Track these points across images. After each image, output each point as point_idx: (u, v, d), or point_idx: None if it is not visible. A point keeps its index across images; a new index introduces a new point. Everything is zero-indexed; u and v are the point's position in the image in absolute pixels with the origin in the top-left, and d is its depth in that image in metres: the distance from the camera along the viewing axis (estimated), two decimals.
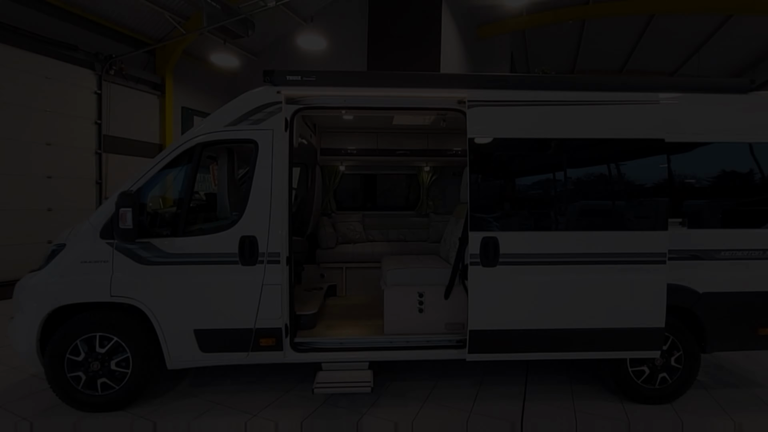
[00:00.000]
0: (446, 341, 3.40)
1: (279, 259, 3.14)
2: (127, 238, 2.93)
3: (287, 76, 3.22)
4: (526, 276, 3.12)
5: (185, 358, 3.18)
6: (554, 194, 3.25)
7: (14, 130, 7.52)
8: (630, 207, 3.21)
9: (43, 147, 8.04)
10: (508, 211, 3.20)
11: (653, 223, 3.14)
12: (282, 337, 3.17)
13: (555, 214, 3.23)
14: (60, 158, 8.29)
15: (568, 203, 3.20)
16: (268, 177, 3.14)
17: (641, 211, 3.18)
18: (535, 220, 3.25)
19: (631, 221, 3.18)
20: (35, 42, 7.74)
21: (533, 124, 3.16)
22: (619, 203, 3.22)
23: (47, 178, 8.12)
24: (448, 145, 5.40)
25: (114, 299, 3.08)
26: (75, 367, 3.10)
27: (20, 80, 7.60)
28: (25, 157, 7.69)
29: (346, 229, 5.62)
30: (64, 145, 8.37)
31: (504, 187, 3.25)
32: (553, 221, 3.23)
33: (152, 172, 3.17)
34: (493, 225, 3.15)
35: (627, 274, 3.11)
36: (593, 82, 3.26)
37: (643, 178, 3.21)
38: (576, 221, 3.20)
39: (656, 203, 3.15)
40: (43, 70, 7.96)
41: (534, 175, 3.29)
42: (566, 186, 3.20)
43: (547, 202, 3.27)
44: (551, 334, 3.16)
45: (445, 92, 3.29)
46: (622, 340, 3.17)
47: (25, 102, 7.68)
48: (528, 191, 3.32)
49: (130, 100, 9.67)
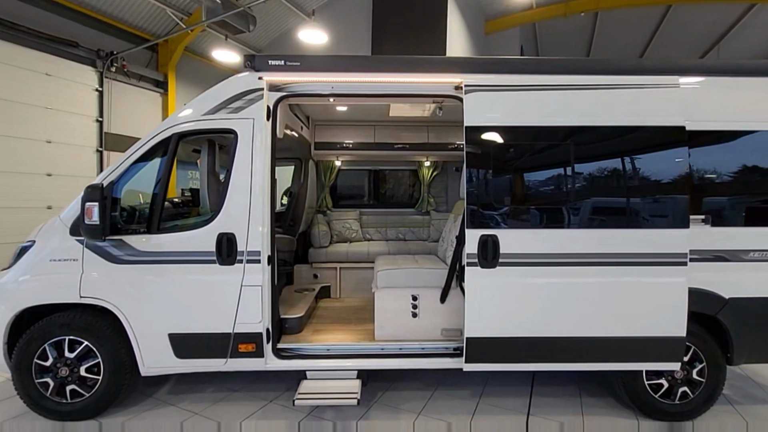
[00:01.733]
0: (442, 349, 3.13)
1: (259, 259, 2.90)
2: (94, 234, 2.72)
3: (269, 60, 2.98)
4: (530, 278, 2.83)
5: (159, 365, 2.97)
6: (561, 188, 2.93)
7: (14, 128, 7.45)
8: (646, 202, 2.89)
9: (43, 145, 7.97)
10: (509, 206, 2.90)
11: (672, 220, 2.81)
12: (263, 343, 2.93)
13: (561, 209, 2.92)
14: (60, 156, 8.22)
15: (576, 198, 2.88)
16: (247, 170, 2.91)
17: (659, 207, 2.86)
18: (540, 216, 2.94)
19: (648, 218, 2.86)
20: (35, 39, 7.68)
21: (537, 110, 2.86)
22: (633, 198, 2.89)
23: (47, 176, 8.06)
24: (450, 139, 5.10)
25: (84, 300, 2.88)
26: (43, 372, 2.91)
27: (20, 77, 7.53)
28: (24, 155, 7.63)
29: (341, 227, 5.37)
30: (64, 142, 8.31)
31: (504, 181, 2.96)
32: (559, 218, 2.92)
33: (125, 164, 2.96)
34: (492, 222, 2.86)
35: (643, 276, 2.79)
36: (603, 65, 2.94)
37: (661, 170, 2.88)
38: (585, 218, 2.88)
39: (676, 198, 2.83)
40: (43, 67, 7.89)
41: (538, 167, 2.98)
42: (574, 179, 2.88)
43: (552, 196, 2.96)
44: (558, 343, 2.86)
45: (440, 77, 3.02)
46: (637, 351, 2.85)
47: (25, 99, 7.61)
48: (531, 185, 3.01)
49: (132, 98, 9.59)
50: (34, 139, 7.81)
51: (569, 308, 2.83)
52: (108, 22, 8.88)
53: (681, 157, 2.83)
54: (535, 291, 2.83)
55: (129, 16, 9.13)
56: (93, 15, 8.60)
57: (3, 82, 7.28)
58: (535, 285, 2.83)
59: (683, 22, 12.35)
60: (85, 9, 8.40)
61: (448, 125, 5.00)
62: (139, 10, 9.05)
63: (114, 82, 9.15)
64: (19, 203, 7.54)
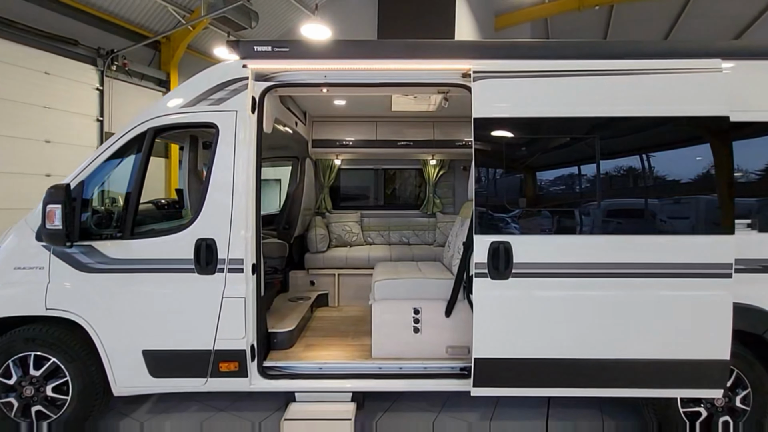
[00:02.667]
0: (447, 369, 2.79)
1: (242, 267, 2.60)
2: (56, 240, 2.45)
3: (255, 46, 2.67)
4: (547, 291, 2.47)
5: (133, 384, 2.68)
6: (584, 189, 2.56)
7: (13, 127, 7.31)
8: (685, 205, 2.50)
9: (42, 145, 7.83)
10: (524, 209, 2.55)
11: (714, 225, 2.43)
12: (246, 361, 2.63)
13: (585, 213, 2.55)
14: (60, 156, 8.07)
15: (601, 200, 2.51)
16: (229, 168, 2.61)
17: (698, 210, 2.48)
18: (559, 221, 2.57)
19: (686, 223, 2.48)
20: (34, 37, 7.53)
21: (557, 99, 2.50)
22: (669, 200, 2.51)
23: (46, 177, 7.91)
24: (458, 135, 4.75)
25: (50, 313, 2.61)
26: (7, 391, 2.65)
27: (19, 76, 7.39)
28: (24, 155, 7.49)
29: (341, 230, 5.05)
30: (64, 142, 8.16)
31: (519, 180, 2.60)
32: (582, 223, 2.55)
33: (96, 162, 2.68)
34: (504, 227, 2.51)
35: (682, 290, 2.41)
36: (635, 48, 2.57)
37: (702, 168, 2.50)
38: (612, 223, 2.52)
39: (718, 200, 2.45)
40: (42, 65, 7.76)
41: (558, 165, 2.61)
42: (599, 178, 2.51)
43: (574, 198, 2.59)
44: (579, 366, 2.49)
45: (445, 63, 2.68)
46: (673, 376, 2.47)
47: (24, 98, 7.48)
48: (550, 185, 2.64)
49: (133, 97, 9.41)
50: (33, 139, 7.67)
51: (594, 326, 2.46)
52: (109, 19, 8.72)
53: (725, 152, 2.44)
54: (554, 306, 2.47)
55: (131, 14, 8.97)
56: (94, 13, 8.44)
57: (2, 81, 7.14)
58: (553, 299, 2.47)
59: (703, 16, 11.78)
60: (85, 6, 8.24)
61: (455, 120, 4.65)
62: (140, 7, 8.88)
63: (115, 80, 8.99)
64: (17, 204, 7.38)
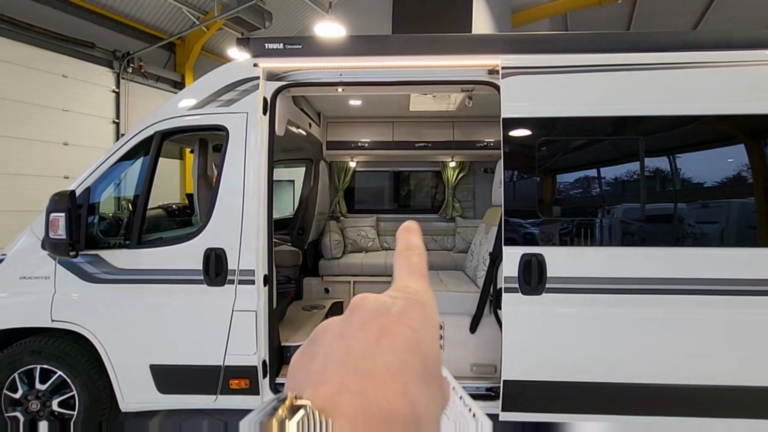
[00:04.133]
0: (472, 389, 2.58)
1: (253, 279, 2.44)
2: (59, 250, 2.33)
3: (266, 44, 2.52)
4: (585, 308, 2.24)
5: (141, 400, 2.56)
6: (628, 195, 2.32)
7: (32, 130, 7.40)
8: (755, 211, 2.23)
9: (60, 147, 7.91)
10: (558, 218, 2.32)
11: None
12: (258, 378, 2.48)
13: (630, 223, 2.31)
14: (77, 158, 8.14)
15: (648, 208, 2.27)
16: (239, 173, 2.46)
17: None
18: (599, 231, 2.33)
19: (757, 232, 2.21)
20: (52, 40, 7.60)
21: (597, 96, 2.27)
22: (733, 205, 2.24)
23: (64, 179, 7.98)
24: (479, 136, 4.51)
25: (56, 324, 2.50)
26: (13, 405, 2.56)
27: (38, 79, 7.47)
28: (42, 157, 7.57)
29: (356, 235, 4.87)
30: (81, 144, 8.23)
31: (553, 186, 2.38)
32: (627, 233, 2.31)
33: (102, 168, 2.57)
34: (536, 238, 2.29)
35: (758, 309, 2.15)
36: (684, 39, 2.32)
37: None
38: (666, 233, 2.27)
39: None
40: (60, 68, 7.83)
41: (597, 169, 2.38)
42: (646, 183, 2.27)
43: (616, 206, 2.34)
44: (621, 391, 2.26)
45: (470, 59, 2.47)
46: (753, 404, 2.20)
47: (43, 101, 7.56)
48: (588, 191, 2.40)
49: (149, 99, 9.45)
50: (52, 142, 7.75)
51: (644, 347, 2.22)
52: (125, 22, 8.76)
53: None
54: (593, 325, 2.25)
55: (145, 16, 9.00)
56: (109, 15, 8.48)
57: (21, 84, 7.22)
58: (592, 317, 2.24)
59: (732, 8, 11.22)
60: (101, 9, 8.29)
61: (476, 120, 4.43)
62: (155, 9, 8.90)
63: (131, 83, 9.04)
64: (36, 206, 7.45)
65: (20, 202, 7.26)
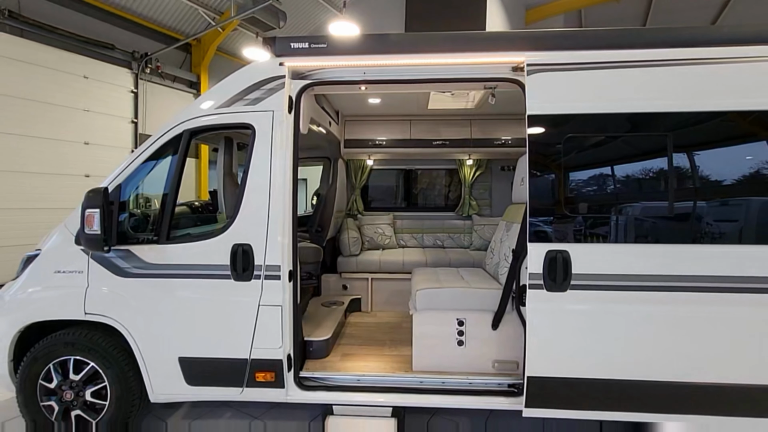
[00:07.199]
0: (494, 385, 2.59)
1: (279, 274, 2.49)
2: (95, 245, 2.41)
3: (291, 43, 2.56)
4: (610, 305, 2.24)
5: (170, 391, 2.63)
6: (654, 192, 2.31)
7: (55, 130, 7.61)
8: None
9: (81, 146, 8.11)
10: (584, 215, 2.32)
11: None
12: (283, 371, 2.53)
13: (658, 219, 2.30)
14: (98, 157, 8.34)
15: (675, 205, 2.24)
16: (266, 171, 2.51)
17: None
18: (624, 228, 2.32)
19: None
20: (74, 42, 7.79)
21: (624, 93, 2.26)
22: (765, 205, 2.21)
23: (85, 177, 8.18)
24: (496, 134, 4.50)
25: (89, 317, 2.58)
26: (48, 394, 2.66)
27: (60, 80, 7.67)
28: (64, 157, 7.78)
29: (373, 232, 4.91)
30: (101, 144, 8.42)
31: (579, 183, 2.37)
32: (654, 230, 2.30)
33: (132, 165, 2.64)
34: (561, 234, 2.29)
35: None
36: (718, 34, 2.28)
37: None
38: (695, 230, 2.24)
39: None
40: (81, 70, 8.02)
41: (625, 166, 2.36)
42: (675, 179, 2.25)
43: (643, 203, 2.33)
44: (645, 388, 2.25)
45: (494, 56, 2.48)
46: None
47: (65, 102, 7.76)
48: (613, 188, 2.38)
49: (166, 99, 9.63)
50: (73, 141, 7.95)
51: (671, 344, 2.21)
52: (142, 23, 8.93)
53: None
54: (618, 322, 2.24)
55: (163, 17, 9.16)
56: (128, 17, 8.66)
57: (45, 85, 7.42)
58: (618, 313, 2.24)
59: (757, 2, 10.94)
60: (120, 11, 8.46)
61: (494, 118, 4.41)
62: (172, 10, 9.05)
63: (149, 83, 9.20)
64: (59, 204, 7.67)
65: (44, 201, 7.47)
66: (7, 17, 6.80)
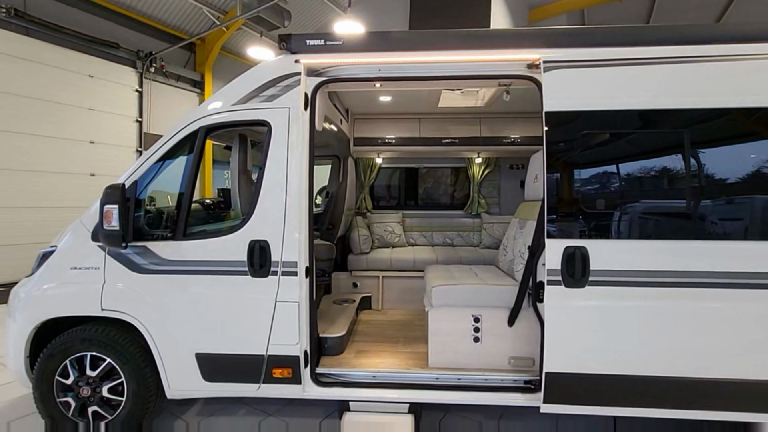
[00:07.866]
0: (510, 381, 2.60)
1: (296, 270, 2.50)
2: (113, 241, 2.41)
3: (307, 40, 2.57)
4: (629, 301, 2.25)
5: (186, 387, 2.64)
6: (672, 188, 2.32)
7: (60, 129, 7.63)
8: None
9: (87, 145, 8.12)
10: (602, 211, 2.33)
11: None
12: (300, 368, 2.53)
13: (676, 215, 2.31)
14: (102, 156, 8.35)
15: (699, 200, 2.25)
16: (282, 167, 2.51)
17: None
18: (643, 224, 2.33)
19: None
20: (79, 41, 7.80)
21: (642, 89, 2.27)
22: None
23: (91, 176, 8.19)
24: (506, 132, 4.51)
25: (105, 313, 2.59)
26: (65, 390, 2.66)
27: (66, 79, 7.68)
28: (70, 155, 7.79)
29: (383, 231, 4.91)
30: (106, 143, 8.43)
31: (596, 179, 2.38)
32: (672, 226, 2.31)
33: (149, 162, 2.65)
34: (579, 230, 2.30)
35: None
36: (740, 31, 2.28)
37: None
38: (714, 226, 2.25)
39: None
40: (86, 69, 8.03)
41: (643, 162, 2.37)
42: (694, 175, 2.26)
43: (660, 199, 2.34)
44: (661, 384, 2.26)
45: (510, 53, 2.49)
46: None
47: (70, 101, 7.77)
48: (631, 184, 2.39)
49: (170, 98, 9.64)
50: (79, 140, 7.96)
51: (690, 340, 2.22)
52: (146, 22, 8.94)
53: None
54: (638, 318, 2.25)
55: (167, 16, 9.17)
56: (133, 16, 8.67)
57: (50, 84, 7.43)
58: (637, 309, 2.24)
59: (762, 1, 10.93)
60: (125, 10, 8.47)
61: (503, 116, 4.42)
62: (176, 9, 9.06)
63: (153, 82, 9.21)
64: (66, 203, 7.68)
65: (50, 199, 7.48)
66: (12, 16, 6.81)
